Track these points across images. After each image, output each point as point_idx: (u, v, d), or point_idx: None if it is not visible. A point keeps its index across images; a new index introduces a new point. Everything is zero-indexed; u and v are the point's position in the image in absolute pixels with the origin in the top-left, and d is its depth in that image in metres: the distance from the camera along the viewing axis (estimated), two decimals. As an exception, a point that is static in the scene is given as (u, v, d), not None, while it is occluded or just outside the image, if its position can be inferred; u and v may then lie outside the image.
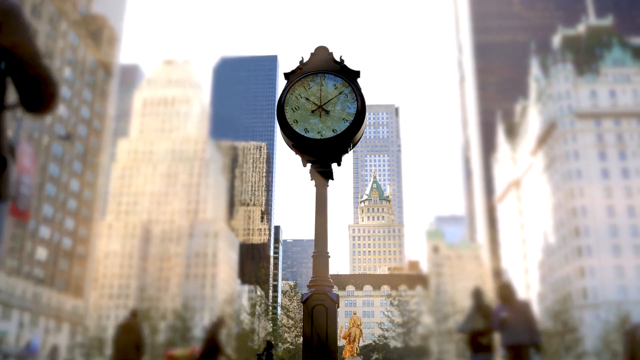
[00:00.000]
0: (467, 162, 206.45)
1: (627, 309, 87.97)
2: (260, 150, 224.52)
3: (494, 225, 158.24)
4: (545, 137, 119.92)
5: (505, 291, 11.20)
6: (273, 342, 16.57)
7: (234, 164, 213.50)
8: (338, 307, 6.26)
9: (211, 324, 16.28)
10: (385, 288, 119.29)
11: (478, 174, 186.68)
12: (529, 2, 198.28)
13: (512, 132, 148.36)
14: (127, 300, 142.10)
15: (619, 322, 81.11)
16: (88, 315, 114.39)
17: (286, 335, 61.46)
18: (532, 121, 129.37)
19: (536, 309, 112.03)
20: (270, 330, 62.34)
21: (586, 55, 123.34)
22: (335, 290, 6.33)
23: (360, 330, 30.81)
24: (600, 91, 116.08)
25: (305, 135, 6.53)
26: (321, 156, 6.59)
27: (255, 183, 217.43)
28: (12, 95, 2.55)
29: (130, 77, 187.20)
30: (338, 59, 6.88)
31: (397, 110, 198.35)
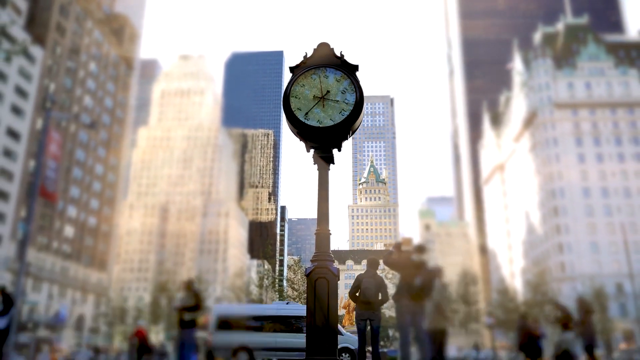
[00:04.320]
0: (455, 147, 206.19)
1: (601, 281, 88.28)
2: (267, 137, 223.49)
3: (481, 205, 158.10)
4: (527, 125, 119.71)
5: None
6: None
7: (243, 149, 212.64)
8: (338, 280, 6.26)
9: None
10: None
11: (466, 159, 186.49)
12: (512, 2, 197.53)
13: (497, 121, 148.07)
14: (147, 274, 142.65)
15: (593, 293, 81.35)
16: (111, 288, 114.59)
17: (291, 305, 61.56)
18: (515, 111, 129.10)
19: (518, 281, 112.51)
20: (277, 300, 62.44)
21: (564, 51, 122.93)
22: (335, 264, 6.33)
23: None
24: (576, 83, 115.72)
25: (308, 123, 6.51)
26: (323, 142, 6.57)
27: (263, 167, 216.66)
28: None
29: (149, 70, 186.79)
30: (338, 54, 6.85)
31: (392, 100, 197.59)
